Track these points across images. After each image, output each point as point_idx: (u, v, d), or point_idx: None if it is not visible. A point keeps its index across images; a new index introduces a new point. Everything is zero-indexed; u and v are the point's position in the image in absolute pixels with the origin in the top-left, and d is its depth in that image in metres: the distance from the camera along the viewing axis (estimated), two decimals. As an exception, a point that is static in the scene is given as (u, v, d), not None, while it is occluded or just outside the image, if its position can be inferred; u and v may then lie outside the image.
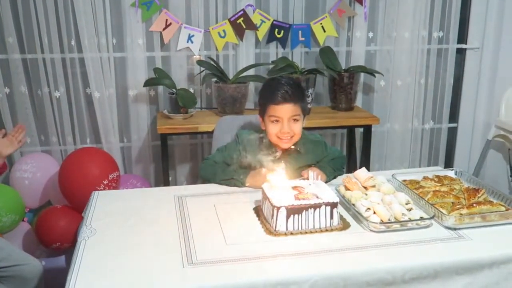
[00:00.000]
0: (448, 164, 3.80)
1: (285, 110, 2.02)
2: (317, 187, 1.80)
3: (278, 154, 2.11)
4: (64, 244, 2.69)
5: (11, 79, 3.07)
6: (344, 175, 2.09)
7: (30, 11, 2.96)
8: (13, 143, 2.25)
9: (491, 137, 3.48)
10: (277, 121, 2.04)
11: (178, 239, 1.62)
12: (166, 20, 3.08)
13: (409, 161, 3.64)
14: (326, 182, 2.03)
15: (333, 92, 3.25)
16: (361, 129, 3.34)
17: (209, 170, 2.13)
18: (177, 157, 3.39)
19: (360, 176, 1.95)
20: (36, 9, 2.96)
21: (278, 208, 1.64)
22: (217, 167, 2.12)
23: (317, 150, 2.22)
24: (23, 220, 2.89)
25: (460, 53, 3.64)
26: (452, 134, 3.80)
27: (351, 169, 3.26)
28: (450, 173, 2.11)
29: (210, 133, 2.72)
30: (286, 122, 2.03)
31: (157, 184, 3.35)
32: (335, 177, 2.16)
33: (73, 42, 3.06)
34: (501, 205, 1.77)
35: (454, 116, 3.76)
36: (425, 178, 2.03)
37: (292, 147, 2.13)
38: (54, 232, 2.68)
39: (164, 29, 3.10)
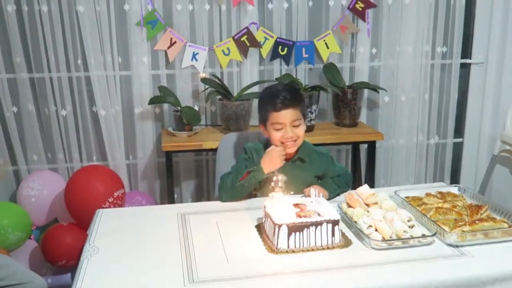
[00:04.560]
0: (454, 179, 3.78)
1: (286, 116, 2.05)
2: (318, 204, 1.81)
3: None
4: (70, 262, 2.70)
5: (18, 98, 3.11)
6: (347, 192, 2.09)
7: (37, 31, 3.01)
8: None
9: (497, 152, 3.47)
10: (280, 127, 2.06)
11: (180, 257, 1.63)
12: (171, 38, 3.12)
13: (415, 176, 3.63)
14: (328, 199, 2.04)
15: (337, 108, 3.27)
16: (366, 145, 3.34)
17: (227, 182, 2.10)
18: (182, 173, 3.40)
19: (362, 193, 1.95)
20: (43, 29, 3.01)
21: (280, 226, 1.64)
22: (232, 175, 2.11)
23: (322, 162, 2.23)
24: (29, 238, 2.91)
25: (465, 67, 3.64)
26: (457, 149, 3.79)
27: (356, 185, 3.23)
28: (453, 189, 2.11)
29: (214, 150, 2.73)
30: (289, 127, 2.06)
31: (162, 201, 3.37)
32: (339, 194, 2.17)
33: (79, 61, 3.11)
34: (504, 221, 1.76)
35: (459, 131, 3.76)
36: (427, 194, 2.02)
37: (297, 157, 2.15)
38: (60, 250, 2.69)
39: (169, 47, 3.14)
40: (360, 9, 3.28)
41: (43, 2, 2.96)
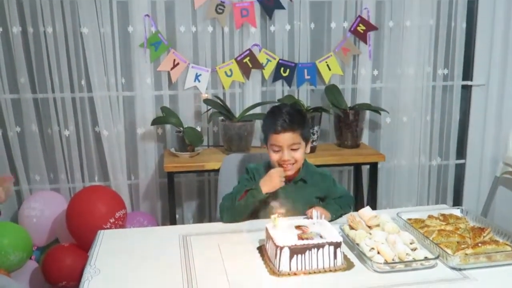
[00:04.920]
0: (457, 200, 3.77)
1: (284, 139, 2.06)
2: (320, 226, 1.80)
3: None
4: (71, 283, 2.69)
5: (22, 118, 3.13)
6: (349, 214, 2.09)
7: (42, 52, 3.04)
8: None
9: (499, 174, 3.47)
10: (278, 149, 2.07)
11: (181, 279, 1.62)
12: (174, 60, 3.15)
13: (417, 197, 3.62)
14: (330, 220, 2.03)
15: (339, 129, 3.28)
16: (368, 166, 3.34)
17: (227, 202, 2.11)
18: (184, 194, 3.40)
19: (364, 215, 1.95)
20: (47, 50, 3.04)
21: (281, 248, 1.63)
22: (232, 195, 2.11)
23: (324, 183, 2.23)
24: (30, 258, 2.90)
25: (466, 89, 3.66)
26: (460, 170, 3.78)
27: (359, 206, 3.25)
28: (456, 211, 2.10)
29: (216, 171, 2.74)
30: (286, 150, 2.06)
31: (164, 222, 3.36)
32: (341, 216, 2.16)
33: (83, 82, 3.13)
34: (507, 244, 1.75)
35: (461, 152, 3.76)
36: (430, 216, 2.02)
37: (299, 178, 2.15)
38: (61, 271, 2.68)
39: (172, 68, 3.17)
40: (362, 31, 3.31)
41: (48, 24, 3.00)
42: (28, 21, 2.99)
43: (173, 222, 3.04)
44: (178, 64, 3.17)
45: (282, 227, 1.75)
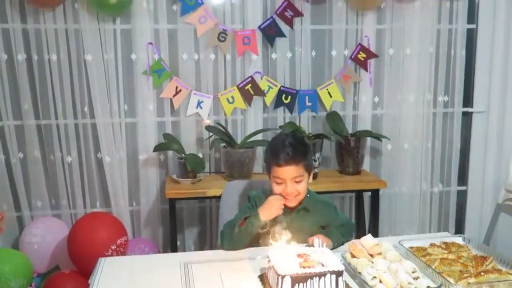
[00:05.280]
0: (459, 227, 3.75)
1: (287, 172, 2.03)
2: (322, 254, 1.79)
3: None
4: (70, 310, 2.67)
5: (25, 144, 3.15)
6: (350, 242, 2.08)
7: (46, 79, 3.08)
8: None
9: (501, 201, 3.45)
10: (281, 182, 2.06)
11: (182, 308, 1.61)
12: (176, 87, 3.18)
13: (419, 224, 3.61)
14: (332, 248, 2.02)
15: (340, 156, 3.29)
16: (369, 193, 3.34)
17: (228, 229, 2.10)
18: (186, 220, 3.40)
19: (366, 243, 1.94)
20: (51, 77, 3.08)
21: (283, 277, 1.62)
22: (233, 222, 2.11)
23: (327, 211, 2.22)
24: (30, 285, 2.88)
25: (467, 115, 3.68)
26: (461, 197, 3.77)
27: (360, 233, 3.24)
28: (458, 239, 2.09)
29: (218, 198, 2.74)
30: (289, 183, 2.05)
31: (165, 249, 3.34)
32: (343, 244, 2.15)
33: (86, 108, 3.16)
34: (510, 273, 1.74)
35: (463, 179, 3.75)
36: (432, 245, 2.01)
37: (302, 206, 2.14)
38: (61, 298, 2.66)
39: (174, 95, 3.20)
40: (362, 59, 3.35)
41: (53, 51, 3.04)
42: (33, 49, 3.04)
43: (174, 249, 3.03)
44: (180, 91, 3.20)
45: (283, 253, 1.74)
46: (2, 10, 2.98)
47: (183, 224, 3.40)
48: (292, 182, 2.05)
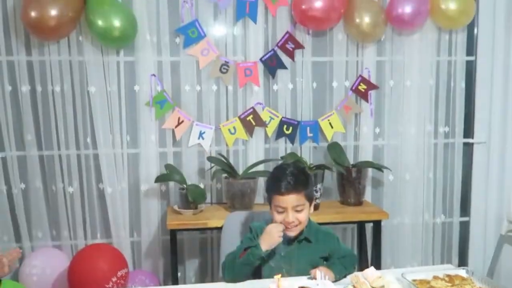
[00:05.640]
0: (462, 258, 3.72)
1: (288, 201, 2.05)
2: (324, 286, 1.78)
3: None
4: None
5: (27, 175, 3.15)
6: (353, 274, 2.06)
7: (49, 110, 3.10)
8: (3, 267, 2.12)
9: (504, 232, 3.44)
10: (282, 210, 2.07)
11: None
12: (179, 118, 3.20)
13: (422, 256, 3.58)
14: (335, 281, 2.01)
15: (342, 186, 3.28)
16: (371, 224, 3.32)
17: (229, 261, 2.09)
18: (187, 252, 3.38)
19: (369, 275, 1.92)
20: (55, 108, 3.11)
21: (285, 310, 1.61)
22: (234, 253, 2.10)
23: (329, 242, 2.22)
24: (29, 318, 2.85)
25: (468, 146, 3.68)
26: (464, 228, 3.75)
27: (363, 264, 3.22)
28: (461, 272, 2.07)
29: (219, 229, 2.72)
30: (290, 212, 2.06)
31: (165, 280, 3.31)
32: (345, 276, 2.13)
33: (88, 139, 3.18)
34: (514, 307, 1.72)
35: (465, 209, 3.73)
36: (435, 277, 1.99)
37: (303, 237, 2.14)
38: (60, 331, 2.63)
39: (176, 126, 3.21)
40: (363, 90, 3.38)
41: (57, 83, 3.08)
42: (37, 80, 3.07)
43: (175, 281, 2.99)
44: (182, 121, 3.22)
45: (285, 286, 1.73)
46: (7, 43, 3.03)
47: (184, 256, 3.37)
48: (293, 211, 2.06)
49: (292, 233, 2.10)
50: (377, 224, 3.21)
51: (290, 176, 2.06)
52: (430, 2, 3.22)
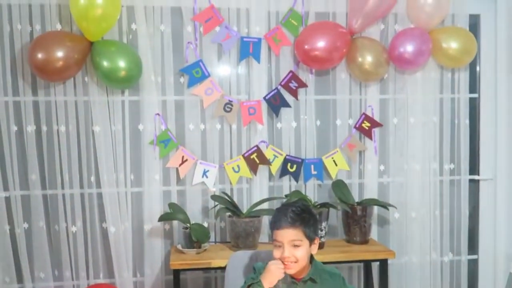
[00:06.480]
0: (472, 298, 3.65)
1: (285, 235, 2.06)
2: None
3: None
4: None
5: (30, 215, 3.14)
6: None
7: (54, 150, 3.11)
8: None
9: (513, 270, 3.38)
10: (279, 245, 2.07)
11: None
12: (183, 156, 3.21)
13: (430, 295, 3.51)
14: (340, 324, 1.97)
15: (347, 225, 3.25)
16: (378, 263, 3.27)
17: None
18: (190, 292, 3.33)
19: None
20: (59, 148, 3.11)
21: None
22: None
23: (334, 283, 2.18)
24: None
25: (474, 182, 3.66)
26: (473, 266, 3.69)
27: (370, 305, 3.16)
28: (470, 313, 2.03)
29: (223, 268, 2.69)
30: (286, 247, 2.05)
31: (168, 322, 3.26)
32: (351, 318, 2.10)
33: (92, 178, 3.18)
34: None
35: (473, 247, 3.68)
36: (443, 320, 1.95)
37: (308, 277, 2.12)
38: None
39: (180, 165, 3.22)
40: (367, 128, 3.39)
41: (62, 123, 3.10)
42: (43, 120, 3.09)
43: (178, 322, 2.95)
44: (186, 160, 3.22)
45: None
46: (14, 84, 3.07)
47: (188, 296, 3.33)
48: (289, 246, 2.05)
49: (291, 271, 2.08)
50: (383, 263, 3.16)
51: (290, 213, 2.08)
52: (432, 41, 3.25)
